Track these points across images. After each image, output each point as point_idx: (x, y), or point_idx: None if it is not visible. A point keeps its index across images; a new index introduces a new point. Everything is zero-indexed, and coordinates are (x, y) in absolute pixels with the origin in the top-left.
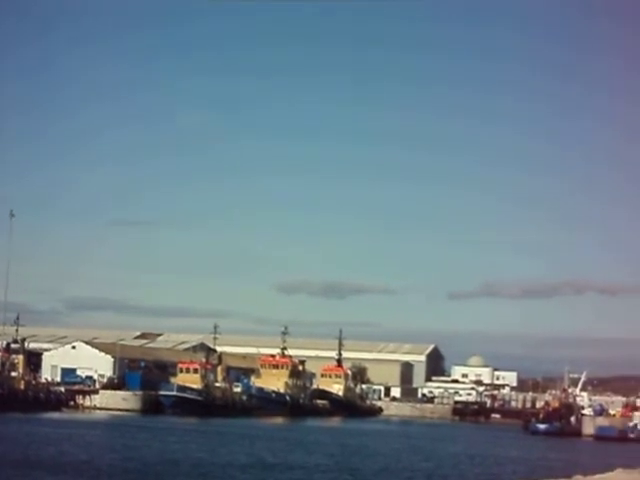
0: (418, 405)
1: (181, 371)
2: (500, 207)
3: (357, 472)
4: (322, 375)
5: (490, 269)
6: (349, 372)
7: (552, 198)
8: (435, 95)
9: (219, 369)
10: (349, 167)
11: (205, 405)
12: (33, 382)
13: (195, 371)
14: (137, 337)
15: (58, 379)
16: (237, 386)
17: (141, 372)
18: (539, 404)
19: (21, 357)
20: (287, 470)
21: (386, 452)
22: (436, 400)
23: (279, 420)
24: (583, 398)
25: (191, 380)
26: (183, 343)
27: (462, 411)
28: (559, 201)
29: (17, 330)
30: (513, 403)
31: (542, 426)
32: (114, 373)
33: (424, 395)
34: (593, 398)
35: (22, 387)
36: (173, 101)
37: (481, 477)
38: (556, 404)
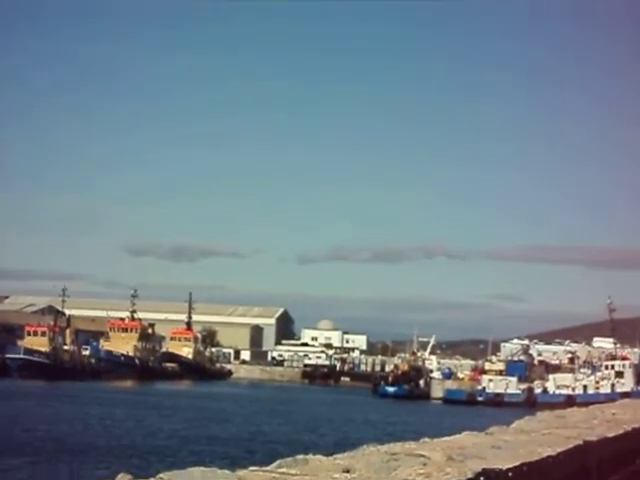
0: (268, 368)
1: (29, 334)
2: (350, 171)
3: (216, 439)
4: (171, 338)
5: (340, 233)
6: (199, 335)
7: (404, 163)
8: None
9: (67, 332)
10: (201, 133)
11: (53, 368)
12: None
13: (43, 334)
14: None
15: None
16: (86, 349)
17: None
18: (388, 367)
19: None
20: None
21: (245, 415)
22: (286, 363)
23: (128, 383)
24: (432, 361)
25: (39, 343)
26: (30, 306)
27: (312, 374)
28: (411, 167)
29: None
30: (363, 366)
31: (391, 389)
32: None
33: (274, 358)
34: (442, 361)
35: None
36: None
37: (341, 441)
38: (405, 367)
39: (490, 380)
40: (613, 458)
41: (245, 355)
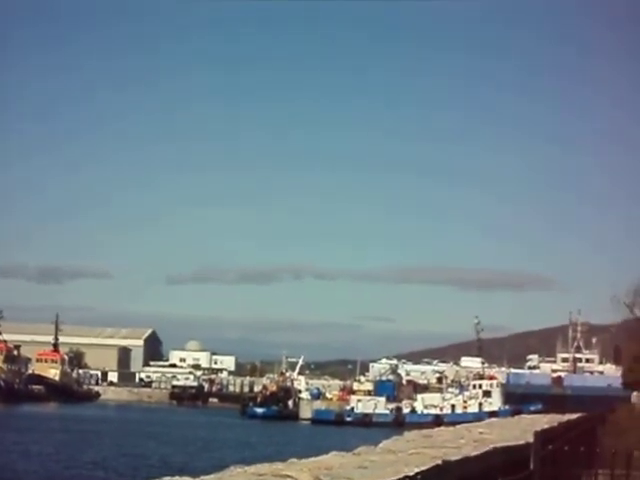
0: (135, 390)
1: None
2: (214, 192)
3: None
4: (38, 360)
5: (207, 254)
6: (65, 357)
7: (268, 182)
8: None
9: None
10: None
11: None
12: None
13: None
14: None
15: None
16: None
17: None
18: (257, 388)
19: None
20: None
21: (115, 438)
22: (154, 384)
23: None
24: (301, 382)
25: None
26: None
27: (180, 395)
28: (275, 187)
29: None
30: (231, 387)
31: (260, 410)
32: None
33: (142, 380)
34: (310, 382)
35: None
36: None
37: (213, 462)
38: (274, 388)
39: (359, 400)
40: (473, 477)
41: (113, 377)
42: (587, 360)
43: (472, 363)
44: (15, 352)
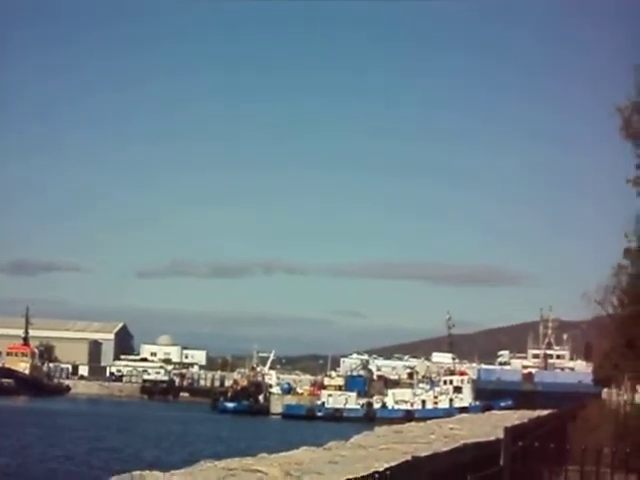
0: (106, 384)
1: None
2: (187, 188)
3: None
4: (8, 354)
5: (179, 248)
6: (36, 350)
7: (238, 179)
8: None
9: None
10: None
11: None
12: None
13: None
14: None
15: None
16: None
17: None
18: (228, 383)
19: None
20: None
21: (86, 432)
22: (125, 379)
23: None
24: (271, 377)
25: None
26: None
27: (150, 390)
28: (246, 183)
29: None
30: (202, 382)
31: (230, 404)
32: None
33: (112, 374)
34: (281, 377)
35: None
36: None
37: (185, 457)
38: (244, 382)
39: (329, 395)
40: (443, 473)
41: (83, 370)
42: (558, 356)
43: (443, 359)
44: None
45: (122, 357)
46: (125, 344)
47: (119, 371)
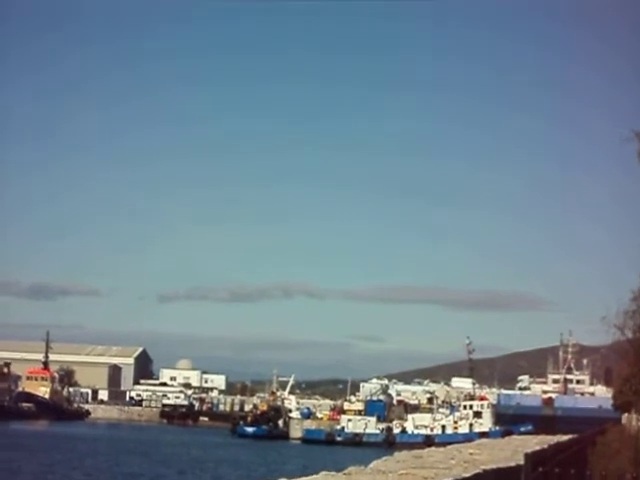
0: (126, 408)
1: None
2: (205, 210)
3: None
4: (28, 378)
5: (199, 272)
6: (56, 375)
7: (260, 201)
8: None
9: None
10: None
11: None
12: None
13: None
14: None
15: None
16: None
17: None
18: (248, 407)
19: None
20: None
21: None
22: (144, 403)
23: None
24: (291, 401)
25: None
26: None
27: (170, 414)
28: (267, 206)
29: None
30: (221, 406)
31: (250, 429)
32: None
33: (132, 398)
34: (301, 401)
35: None
36: None
37: None
38: (264, 407)
39: (349, 420)
40: None
41: (103, 395)
42: (578, 381)
43: (463, 383)
44: (5, 369)
45: (142, 381)
46: (145, 368)
47: (139, 395)
